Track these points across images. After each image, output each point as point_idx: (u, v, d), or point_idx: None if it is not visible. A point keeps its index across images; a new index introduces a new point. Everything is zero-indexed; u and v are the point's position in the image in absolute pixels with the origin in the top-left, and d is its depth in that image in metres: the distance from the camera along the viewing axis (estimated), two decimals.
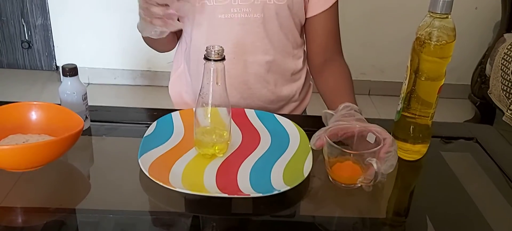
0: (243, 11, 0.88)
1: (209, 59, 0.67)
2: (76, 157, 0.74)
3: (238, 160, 0.73)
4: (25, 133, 0.74)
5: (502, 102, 1.90)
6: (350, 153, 0.67)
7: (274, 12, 0.89)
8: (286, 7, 0.90)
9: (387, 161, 0.67)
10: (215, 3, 0.88)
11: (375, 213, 0.67)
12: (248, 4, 0.88)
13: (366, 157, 0.65)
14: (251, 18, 0.89)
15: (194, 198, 0.65)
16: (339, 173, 0.68)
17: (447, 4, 0.67)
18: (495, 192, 0.73)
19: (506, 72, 1.86)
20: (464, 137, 0.87)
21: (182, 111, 0.85)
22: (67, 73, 0.76)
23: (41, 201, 0.64)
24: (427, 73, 0.71)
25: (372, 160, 0.64)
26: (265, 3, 0.88)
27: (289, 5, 0.90)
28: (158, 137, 0.76)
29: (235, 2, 0.88)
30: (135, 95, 2.57)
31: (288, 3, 0.90)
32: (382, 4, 2.45)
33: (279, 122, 0.84)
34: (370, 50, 2.56)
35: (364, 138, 0.71)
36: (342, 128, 0.72)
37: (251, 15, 0.89)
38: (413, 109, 0.74)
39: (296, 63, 1.00)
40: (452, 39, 0.69)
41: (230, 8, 0.88)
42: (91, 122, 0.82)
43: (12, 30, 2.63)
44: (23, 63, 2.73)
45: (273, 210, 0.64)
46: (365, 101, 2.58)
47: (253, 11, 0.89)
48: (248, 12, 0.88)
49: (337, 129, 0.72)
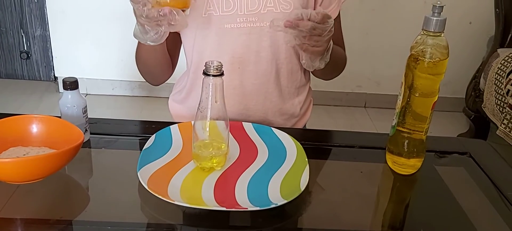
0: (249, 21, 0.89)
1: (208, 74, 0.69)
2: (75, 169, 0.75)
3: (236, 173, 0.74)
4: (25, 145, 0.74)
5: (496, 117, 1.92)
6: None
7: (280, 21, 0.91)
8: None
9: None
10: (222, 13, 0.89)
11: (370, 226, 0.68)
12: (254, 13, 0.89)
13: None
14: (257, 28, 0.90)
15: (192, 211, 0.65)
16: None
17: (440, 23, 0.69)
18: (489, 206, 0.74)
19: (500, 86, 1.89)
20: (458, 152, 0.89)
21: (180, 125, 0.86)
22: (67, 87, 0.77)
23: (40, 213, 0.64)
24: (421, 89, 0.73)
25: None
26: (272, 12, 0.89)
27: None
28: (157, 150, 0.77)
29: (241, 11, 0.89)
30: (133, 106, 2.57)
31: None
32: (378, 16, 2.49)
33: (276, 135, 0.85)
34: (366, 63, 2.59)
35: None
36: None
37: (257, 24, 0.90)
38: (408, 124, 0.76)
39: (301, 76, 1.01)
40: (445, 57, 0.71)
41: (236, 17, 0.89)
42: (90, 134, 0.83)
43: (11, 40, 2.64)
44: (21, 74, 2.73)
45: (271, 224, 0.65)
46: (361, 114, 2.60)
47: (259, 20, 0.89)
48: (254, 21, 0.89)
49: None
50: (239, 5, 0.88)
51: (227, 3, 0.88)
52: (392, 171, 0.80)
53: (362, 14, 2.45)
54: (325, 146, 0.89)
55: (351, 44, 1.06)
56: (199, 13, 0.89)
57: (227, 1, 0.88)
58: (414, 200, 0.77)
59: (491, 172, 0.82)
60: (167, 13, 0.72)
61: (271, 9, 0.89)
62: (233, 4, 0.88)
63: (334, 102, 2.69)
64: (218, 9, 0.88)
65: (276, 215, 0.66)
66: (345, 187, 0.77)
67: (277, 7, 0.89)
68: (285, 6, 0.89)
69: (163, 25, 0.75)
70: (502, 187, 0.78)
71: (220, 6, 0.88)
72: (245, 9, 0.89)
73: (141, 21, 0.77)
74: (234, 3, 0.88)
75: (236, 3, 0.88)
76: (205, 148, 0.73)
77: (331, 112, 2.54)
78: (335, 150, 0.88)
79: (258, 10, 0.89)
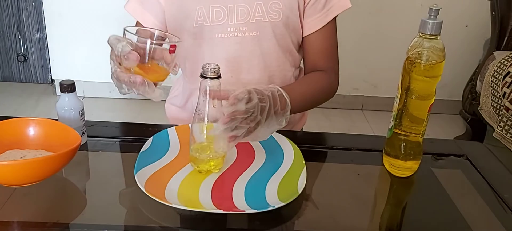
0: (239, 30, 0.90)
1: (205, 77, 0.69)
2: (72, 172, 0.75)
3: (233, 176, 0.74)
4: (22, 148, 0.74)
5: (493, 119, 1.93)
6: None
7: (270, 30, 0.91)
8: (282, 24, 0.91)
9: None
10: (212, 23, 0.90)
11: (368, 229, 0.68)
12: (244, 23, 0.90)
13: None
14: (247, 37, 0.90)
15: (189, 214, 0.65)
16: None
17: (437, 26, 0.70)
18: (485, 208, 0.74)
19: (496, 89, 1.89)
20: (454, 154, 0.89)
21: (178, 127, 0.86)
22: (65, 90, 0.77)
23: (37, 216, 0.64)
24: (418, 92, 0.73)
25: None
26: (260, 22, 0.90)
27: (285, 23, 0.91)
28: (154, 152, 0.77)
29: (231, 21, 0.89)
30: (130, 109, 2.57)
31: (284, 21, 0.91)
32: (374, 20, 2.49)
33: (273, 138, 0.85)
34: (362, 66, 2.60)
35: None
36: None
37: (247, 34, 0.90)
38: (405, 127, 0.76)
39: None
40: (441, 59, 0.71)
41: (226, 27, 0.90)
42: (87, 137, 0.83)
43: (8, 43, 2.64)
44: (18, 77, 2.73)
45: (268, 226, 0.65)
46: (358, 117, 2.61)
47: (248, 30, 0.90)
48: (244, 31, 0.90)
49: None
50: (229, 15, 0.89)
51: (217, 13, 0.89)
52: (389, 174, 0.80)
53: (359, 17, 2.46)
54: (322, 148, 0.89)
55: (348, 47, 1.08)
56: (191, 24, 0.89)
57: (217, 12, 0.89)
58: (411, 203, 0.77)
59: (488, 174, 0.82)
60: (137, 82, 0.64)
61: (260, 18, 0.89)
62: (223, 14, 0.89)
63: (331, 105, 2.69)
64: (208, 19, 0.89)
65: (273, 218, 0.66)
66: (342, 190, 0.77)
67: (265, 17, 0.89)
68: (273, 15, 0.90)
69: (132, 90, 0.67)
70: (499, 189, 0.78)
71: (210, 16, 0.89)
72: (235, 19, 0.89)
73: (112, 78, 0.68)
74: (224, 13, 0.89)
75: (226, 13, 0.89)
76: (202, 150, 0.73)
77: (328, 115, 2.55)
78: (332, 152, 0.88)
79: (247, 20, 0.89)
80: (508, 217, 0.72)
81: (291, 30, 0.93)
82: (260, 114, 0.68)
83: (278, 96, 0.72)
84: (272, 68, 0.95)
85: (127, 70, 0.66)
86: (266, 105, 0.69)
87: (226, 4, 0.88)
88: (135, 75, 0.64)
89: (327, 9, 0.92)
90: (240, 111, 0.66)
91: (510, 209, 0.73)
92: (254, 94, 0.68)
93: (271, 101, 0.70)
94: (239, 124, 0.65)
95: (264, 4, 0.89)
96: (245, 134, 0.67)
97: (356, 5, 0.95)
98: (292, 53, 0.97)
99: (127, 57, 0.64)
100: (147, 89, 0.65)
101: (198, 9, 0.88)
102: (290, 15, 0.90)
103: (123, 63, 0.65)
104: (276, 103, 0.71)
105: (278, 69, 0.96)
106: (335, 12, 0.93)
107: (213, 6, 0.88)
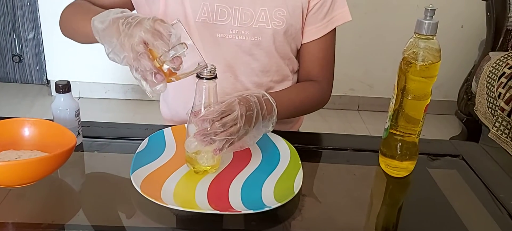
0: (241, 33, 0.89)
1: (201, 77, 0.69)
2: (68, 173, 0.74)
3: (229, 176, 0.74)
4: (17, 148, 0.74)
5: (488, 120, 1.94)
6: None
7: (271, 36, 0.90)
8: (283, 33, 0.90)
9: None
10: (215, 22, 0.89)
11: (364, 229, 0.68)
12: (246, 27, 0.89)
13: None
14: (247, 41, 0.90)
15: (186, 215, 0.65)
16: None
17: (432, 26, 0.70)
18: (481, 208, 0.75)
19: (491, 89, 1.90)
20: (450, 154, 0.89)
21: (174, 128, 0.85)
22: (60, 90, 0.77)
23: (32, 217, 0.64)
24: (414, 92, 0.73)
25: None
26: (263, 28, 0.89)
27: (287, 31, 0.90)
28: (150, 153, 0.77)
29: (234, 23, 0.89)
30: (126, 109, 2.56)
31: (286, 28, 0.90)
32: (371, 20, 2.50)
33: (270, 138, 0.85)
34: (358, 66, 2.60)
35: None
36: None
37: (248, 38, 0.90)
38: (401, 127, 0.76)
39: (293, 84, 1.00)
40: (437, 60, 0.71)
41: (228, 28, 0.89)
42: (83, 137, 0.82)
43: (3, 43, 2.62)
44: (13, 77, 2.71)
45: (264, 226, 0.65)
46: (354, 117, 2.61)
47: (250, 35, 0.89)
48: (245, 35, 0.89)
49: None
50: (233, 16, 0.88)
51: (221, 13, 0.88)
52: (385, 174, 0.80)
53: (355, 17, 2.45)
54: (319, 148, 0.89)
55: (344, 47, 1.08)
56: (193, 18, 0.89)
57: (222, 11, 0.88)
58: (407, 203, 0.77)
59: (483, 175, 0.83)
60: (158, 80, 0.63)
61: (263, 24, 0.89)
62: (227, 15, 0.88)
63: (327, 105, 2.65)
64: (212, 17, 0.88)
65: (269, 218, 0.66)
66: (338, 190, 0.77)
67: (268, 24, 0.89)
68: (277, 22, 0.89)
69: (139, 74, 0.65)
70: (494, 189, 0.78)
71: (214, 14, 0.88)
72: (239, 22, 0.89)
73: (132, 51, 0.65)
74: (229, 13, 0.88)
75: (231, 14, 0.88)
76: (198, 151, 0.73)
77: (324, 116, 2.55)
78: (328, 152, 0.88)
79: (250, 24, 0.89)
80: (504, 217, 0.72)
81: (291, 38, 0.93)
82: (248, 123, 0.70)
83: (264, 101, 0.75)
84: (271, 71, 0.95)
85: (155, 62, 0.64)
86: (252, 113, 0.72)
87: (231, 5, 0.88)
88: (162, 74, 0.64)
89: (327, 20, 0.93)
90: (215, 127, 0.67)
91: (505, 209, 0.73)
92: (236, 105, 0.69)
93: (258, 108, 0.73)
94: (215, 137, 0.67)
95: (269, 10, 0.88)
96: (230, 143, 0.69)
97: (352, 6, 0.95)
98: (291, 59, 0.97)
99: (174, 61, 0.64)
100: (157, 87, 0.65)
101: (203, 4, 0.88)
102: (293, 23, 0.90)
103: (164, 57, 0.64)
104: (263, 108, 0.74)
105: (276, 73, 0.96)
106: (336, 24, 0.93)
107: (218, 5, 0.88)
